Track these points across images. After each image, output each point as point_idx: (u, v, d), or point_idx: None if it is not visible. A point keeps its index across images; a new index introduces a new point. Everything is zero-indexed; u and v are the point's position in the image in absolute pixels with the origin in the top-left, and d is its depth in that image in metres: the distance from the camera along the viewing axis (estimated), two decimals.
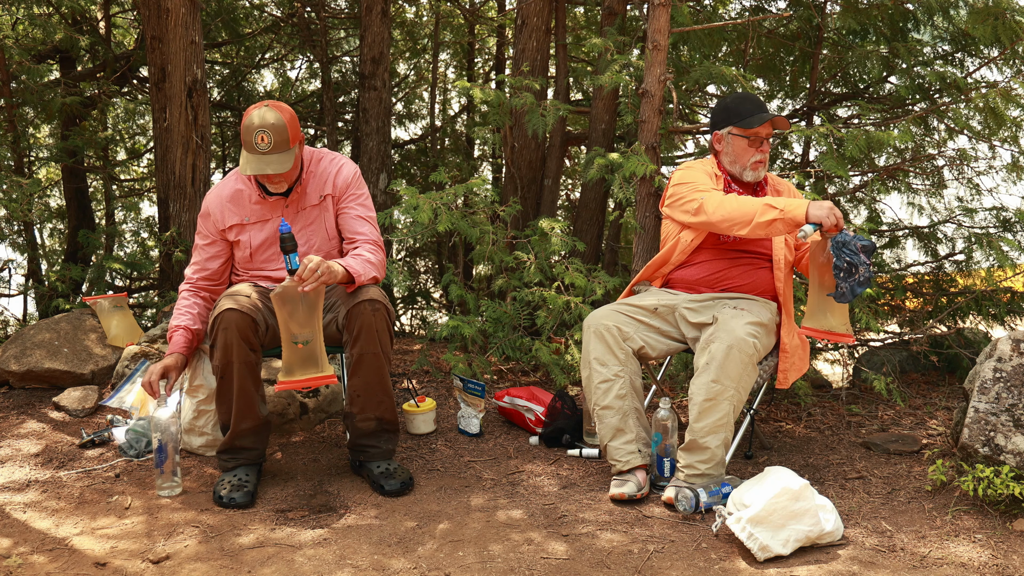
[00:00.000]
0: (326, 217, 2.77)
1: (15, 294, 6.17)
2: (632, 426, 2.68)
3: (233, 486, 2.57)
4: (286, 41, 6.78)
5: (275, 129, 2.53)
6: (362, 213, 2.77)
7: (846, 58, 4.32)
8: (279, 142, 2.55)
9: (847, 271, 2.48)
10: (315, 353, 2.46)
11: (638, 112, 3.77)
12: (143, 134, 7.13)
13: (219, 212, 2.76)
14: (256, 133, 2.53)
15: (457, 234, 3.88)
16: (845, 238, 2.49)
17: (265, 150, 2.54)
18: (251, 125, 2.54)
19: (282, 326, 2.44)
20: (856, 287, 2.49)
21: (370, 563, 2.20)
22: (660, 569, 2.18)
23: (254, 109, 2.58)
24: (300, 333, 2.43)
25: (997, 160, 4.26)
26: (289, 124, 2.56)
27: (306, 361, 2.45)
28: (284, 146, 2.56)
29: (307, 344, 2.43)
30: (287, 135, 2.56)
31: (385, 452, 2.73)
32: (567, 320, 3.70)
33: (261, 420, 2.65)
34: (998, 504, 2.49)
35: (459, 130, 7.30)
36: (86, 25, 5.76)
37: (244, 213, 2.74)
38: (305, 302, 2.42)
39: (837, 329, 2.64)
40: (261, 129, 2.53)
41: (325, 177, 2.76)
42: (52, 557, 2.21)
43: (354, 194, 2.77)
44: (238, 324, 2.51)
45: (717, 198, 2.69)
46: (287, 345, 2.45)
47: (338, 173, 2.77)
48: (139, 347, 3.49)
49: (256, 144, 2.54)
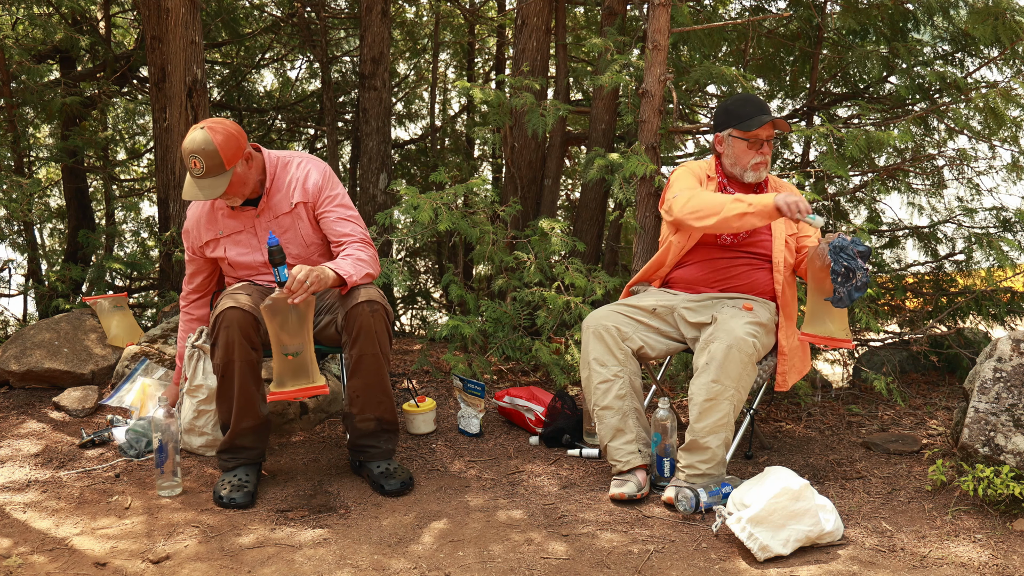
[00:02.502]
0: (301, 225, 2.73)
1: (15, 294, 6.17)
2: (632, 426, 2.68)
3: (233, 486, 2.57)
4: (286, 41, 6.78)
5: (206, 154, 2.51)
6: (342, 214, 2.73)
7: (846, 58, 4.32)
8: (211, 166, 2.52)
9: (844, 276, 2.48)
10: (306, 364, 2.45)
11: (638, 112, 3.77)
12: (143, 134, 7.13)
13: (195, 229, 2.78)
14: (189, 157, 2.53)
15: (457, 234, 3.88)
16: (843, 243, 2.49)
17: (199, 175, 2.53)
18: (185, 148, 2.53)
19: (272, 338, 2.43)
20: (854, 292, 2.49)
21: (370, 563, 2.20)
22: (660, 569, 2.18)
23: (191, 130, 2.57)
24: (290, 344, 2.42)
25: (997, 160, 4.26)
26: (222, 147, 2.51)
27: (297, 372, 2.45)
28: (218, 169, 2.53)
29: (297, 356, 2.43)
30: (219, 159, 2.52)
31: (385, 452, 2.73)
32: (567, 320, 3.70)
33: (262, 419, 2.65)
34: (998, 504, 2.49)
35: (459, 130, 7.30)
36: (86, 25, 5.76)
37: (217, 227, 2.74)
38: (295, 313, 2.41)
39: (836, 334, 2.64)
40: (193, 154, 2.52)
41: (294, 184, 2.72)
42: (52, 557, 2.21)
43: (329, 196, 2.73)
44: (239, 322, 2.51)
45: (687, 195, 2.70)
46: (278, 357, 2.44)
47: (306, 179, 2.72)
48: (139, 347, 3.49)
49: (191, 168, 2.54)
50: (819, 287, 2.62)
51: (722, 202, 2.61)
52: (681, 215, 2.68)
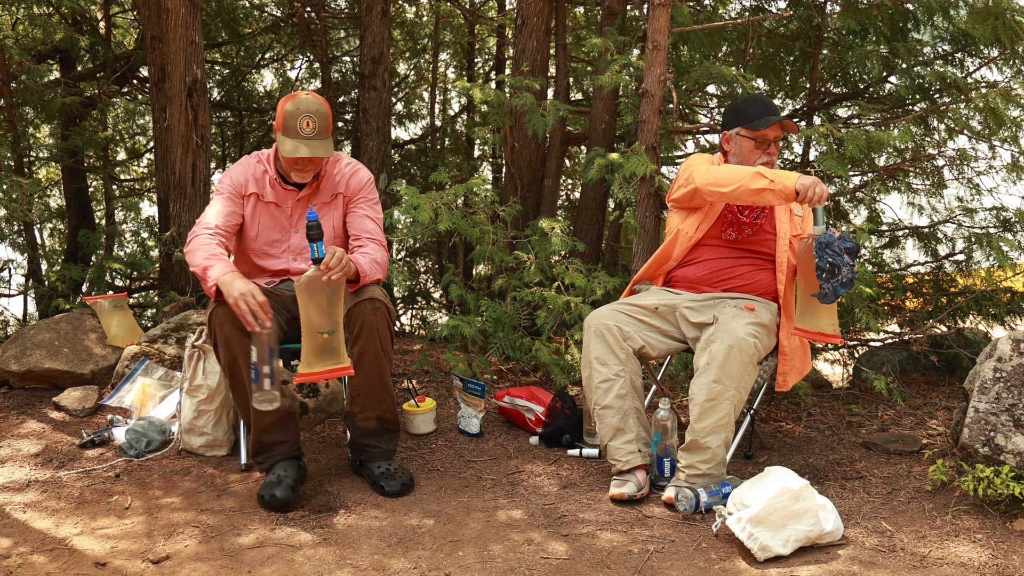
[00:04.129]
0: (335, 215, 2.81)
1: (15, 294, 6.17)
2: (632, 426, 2.68)
3: (272, 483, 2.53)
4: (286, 41, 6.78)
5: (319, 115, 2.61)
6: (370, 213, 2.81)
7: (846, 58, 4.32)
8: (322, 128, 2.62)
9: (830, 272, 2.49)
10: (335, 344, 2.41)
11: (638, 112, 3.77)
12: (143, 134, 7.13)
13: (242, 177, 2.77)
14: (302, 118, 2.59)
15: (457, 234, 3.88)
16: (829, 239, 2.49)
17: (310, 135, 2.60)
18: (296, 110, 2.59)
19: (304, 316, 2.38)
20: (839, 288, 2.50)
21: (370, 563, 2.20)
22: (660, 569, 2.18)
23: (295, 96, 2.63)
24: (323, 323, 2.38)
25: (997, 160, 4.26)
26: (329, 114, 2.65)
27: (325, 352, 2.40)
28: (325, 133, 2.63)
29: (331, 334, 2.40)
30: (328, 123, 2.64)
31: (386, 452, 2.72)
32: (567, 320, 3.70)
33: (284, 411, 2.59)
34: (998, 504, 2.49)
35: (459, 130, 7.30)
36: (86, 25, 5.76)
37: (263, 190, 2.78)
38: (328, 291, 2.38)
39: (825, 330, 2.67)
40: (307, 114, 2.59)
41: (340, 177, 2.81)
42: (52, 557, 2.21)
43: (366, 197, 2.83)
44: (231, 317, 2.47)
45: (706, 166, 2.76)
46: (309, 336, 2.39)
47: (353, 175, 2.82)
48: (139, 347, 3.49)
49: (301, 129, 2.59)
50: (807, 283, 2.63)
51: (745, 172, 2.63)
52: (702, 182, 2.71)
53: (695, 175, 2.75)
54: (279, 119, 2.63)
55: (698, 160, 2.87)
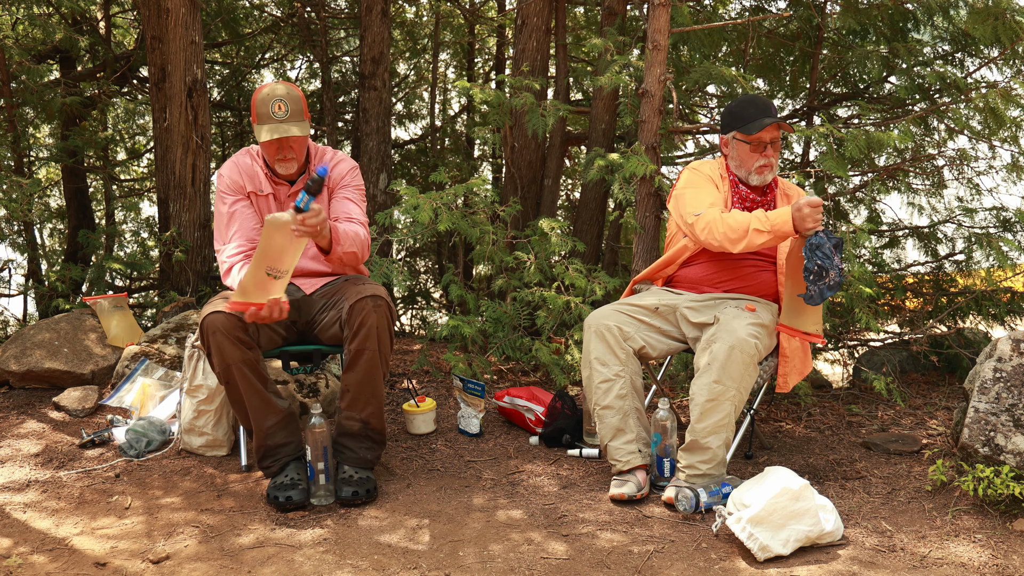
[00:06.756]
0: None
1: (15, 294, 6.17)
2: (632, 426, 2.68)
3: (285, 486, 2.53)
4: (286, 41, 6.78)
5: (290, 98, 2.65)
6: (354, 197, 2.84)
7: (846, 58, 4.32)
8: (295, 111, 2.64)
9: (817, 274, 2.48)
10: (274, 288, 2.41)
11: (638, 112, 3.77)
12: (143, 134, 7.12)
13: (236, 177, 2.79)
14: (273, 102, 2.62)
15: (457, 234, 3.88)
16: (820, 241, 2.49)
17: (283, 117, 2.62)
18: (266, 97, 2.63)
19: (260, 248, 2.39)
20: (826, 290, 2.50)
21: (370, 563, 2.20)
22: (660, 569, 2.18)
23: (265, 87, 2.67)
24: (271, 265, 2.40)
25: (997, 160, 4.26)
26: (301, 97, 2.67)
27: (261, 288, 2.40)
28: (300, 116, 2.65)
29: (276, 279, 2.40)
30: (301, 106, 2.66)
31: (361, 460, 2.65)
32: (567, 320, 3.70)
33: (284, 412, 2.61)
34: (998, 504, 2.49)
35: (459, 130, 7.30)
36: (86, 25, 5.76)
37: (258, 185, 2.80)
38: (288, 240, 2.39)
39: (808, 329, 2.67)
40: (278, 98, 2.63)
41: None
42: (52, 557, 2.21)
43: (349, 184, 2.85)
44: (224, 325, 2.49)
45: (705, 220, 2.68)
46: (256, 267, 2.40)
47: (338, 164, 2.86)
48: (139, 347, 3.49)
49: (273, 112, 2.62)
50: (795, 282, 2.64)
51: (745, 228, 2.59)
52: (706, 242, 2.70)
53: (696, 230, 2.70)
54: (253, 110, 2.67)
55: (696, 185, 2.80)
